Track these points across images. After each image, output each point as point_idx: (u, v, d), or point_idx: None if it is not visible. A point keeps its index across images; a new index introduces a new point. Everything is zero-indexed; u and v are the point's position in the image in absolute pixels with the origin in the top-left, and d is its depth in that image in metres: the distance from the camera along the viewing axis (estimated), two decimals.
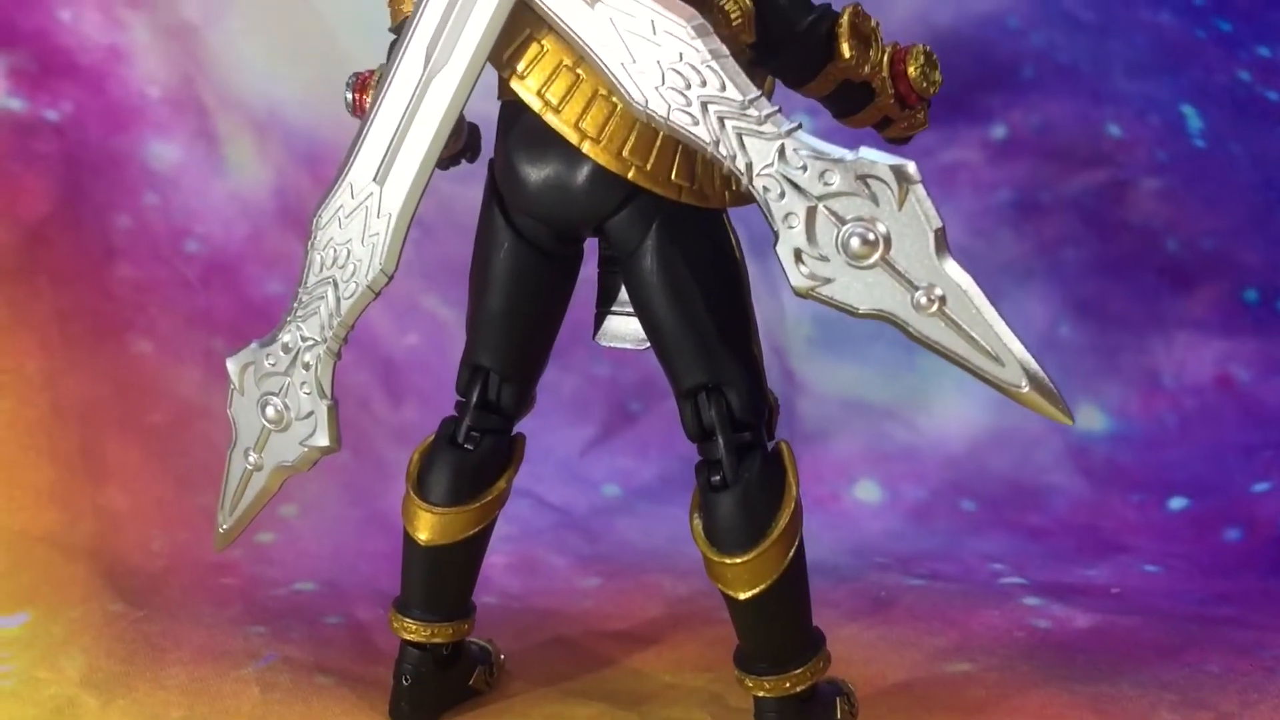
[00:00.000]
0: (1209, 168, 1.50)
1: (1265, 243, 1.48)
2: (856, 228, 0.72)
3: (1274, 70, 1.62)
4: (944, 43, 1.53)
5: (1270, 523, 1.23)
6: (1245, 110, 1.57)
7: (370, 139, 0.81)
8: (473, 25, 0.77)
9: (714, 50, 0.73)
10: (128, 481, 1.30)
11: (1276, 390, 1.41)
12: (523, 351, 0.87)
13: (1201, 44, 1.59)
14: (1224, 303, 1.45)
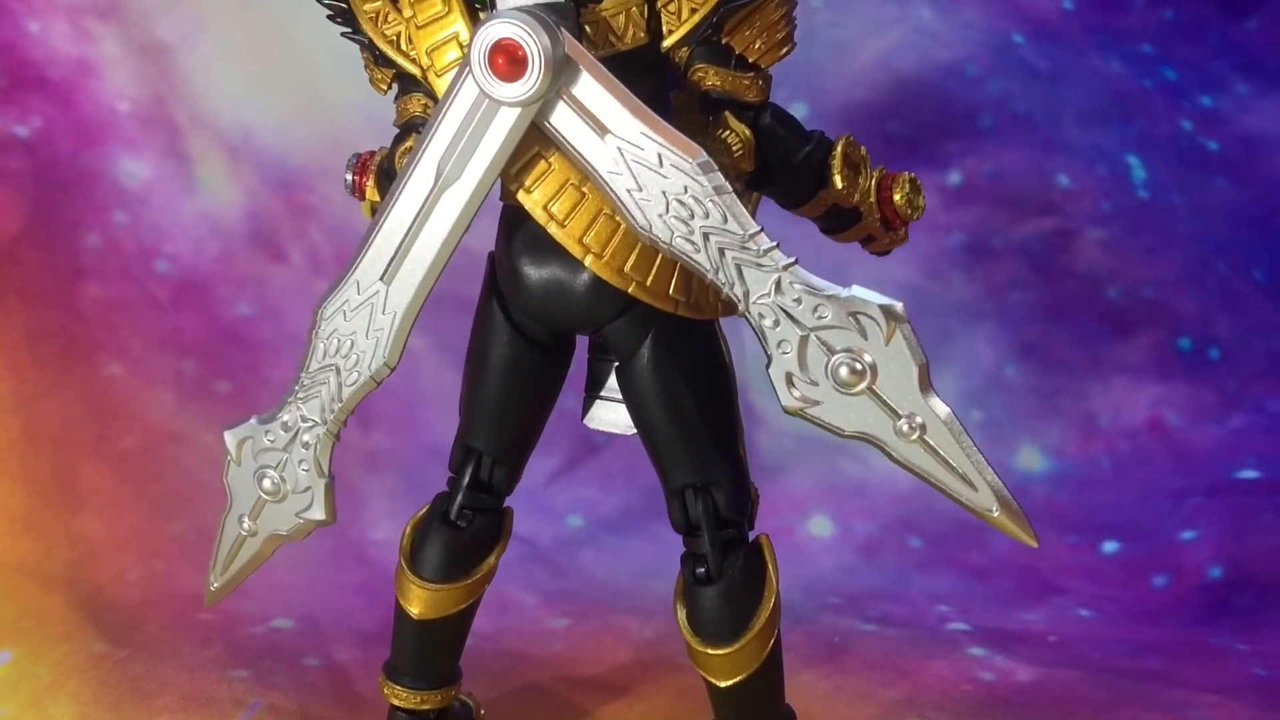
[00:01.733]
0: (1151, 219, 1.58)
1: (1200, 293, 1.56)
2: (845, 358, 0.77)
3: (1215, 120, 1.69)
4: (907, 89, 1.59)
5: (1196, 570, 1.32)
6: (1186, 160, 1.64)
7: (379, 241, 0.83)
8: (486, 145, 0.80)
9: (718, 186, 0.77)
10: (101, 508, 1.32)
11: (1204, 435, 1.50)
12: (516, 437, 0.91)
13: (1148, 93, 1.66)
14: (1159, 350, 1.53)
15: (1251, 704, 1.08)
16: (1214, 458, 1.47)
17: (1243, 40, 1.69)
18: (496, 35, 0.76)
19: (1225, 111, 1.65)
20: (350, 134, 1.48)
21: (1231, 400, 1.51)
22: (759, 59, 0.79)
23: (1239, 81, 1.68)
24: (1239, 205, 1.61)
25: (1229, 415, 1.50)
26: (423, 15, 0.81)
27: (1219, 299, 1.54)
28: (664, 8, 0.78)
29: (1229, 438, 1.49)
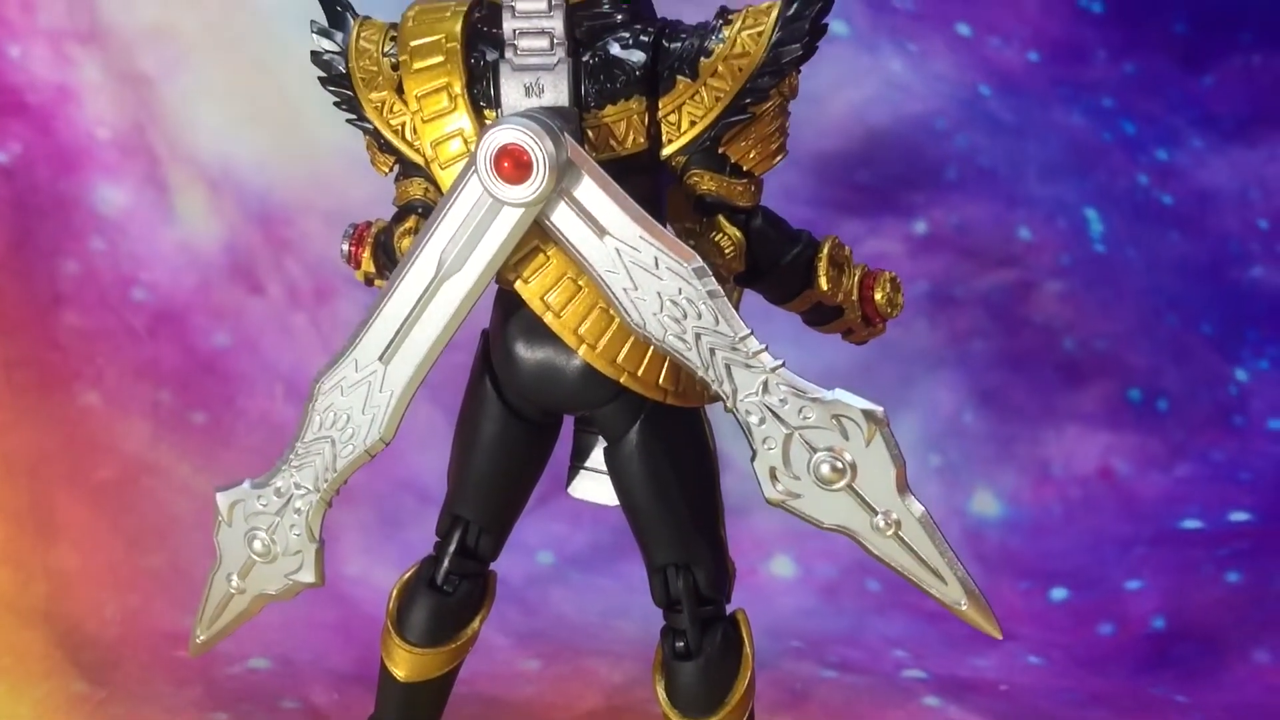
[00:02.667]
0: (1106, 272, 1.63)
1: (1151, 346, 1.62)
2: (827, 456, 0.81)
3: (1171, 174, 1.75)
4: (877, 140, 1.63)
5: (1140, 620, 1.38)
6: (1142, 214, 1.70)
7: (379, 323, 0.86)
8: (488, 240, 0.82)
9: (711, 291, 0.80)
10: (78, 540, 1.33)
11: (1151, 484, 1.56)
12: (503, 507, 0.94)
13: (1108, 146, 1.71)
14: (1110, 400, 1.59)
15: None
16: (1160, 507, 1.53)
17: (1200, 95, 1.74)
18: (503, 140, 0.79)
19: (1180, 166, 1.71)
20: (331, 172, 1.51)
21: (1178, 450, 1.57)
22: (753, 167, 0.83)
23: (1194, 136, 1.74)
24: (1190, 259, 1.67)
25: (1175, 465, 1.57)
26: (428, 110, 0.84)
27: (1169, 351, 1.60)
28: (665, 118, 0.81)
29: (1175, 487, 1.55)
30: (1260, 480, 1.55)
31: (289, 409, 1.49)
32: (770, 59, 0.79)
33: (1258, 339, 1.66)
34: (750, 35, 0.80)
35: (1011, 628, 1.44)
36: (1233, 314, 1.67)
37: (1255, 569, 1.39)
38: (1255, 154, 1.74)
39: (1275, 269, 1.70)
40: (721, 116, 0.80)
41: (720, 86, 0.80)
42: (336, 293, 1.48)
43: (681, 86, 0.81)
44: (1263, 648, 1.33)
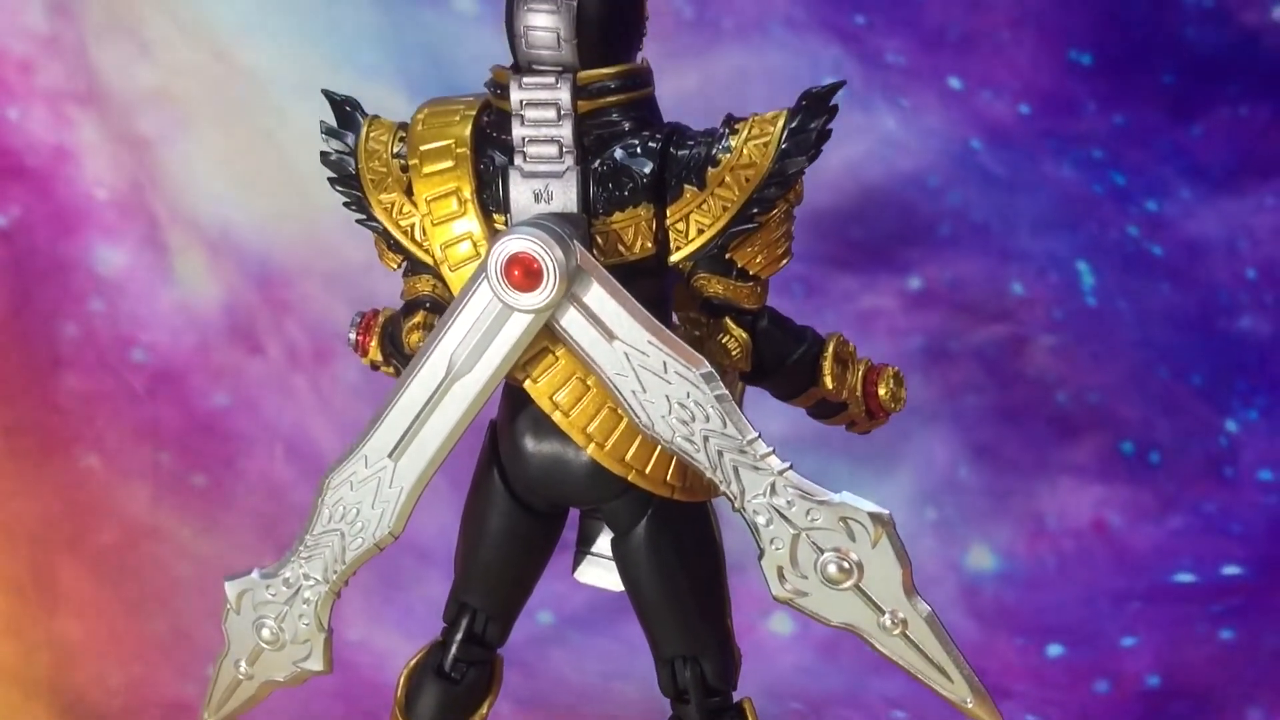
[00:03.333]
0: (1098, 326, 1.65)
1: (1142, 398, 1.63)
2: (834, 557, 0.82)
3: (1160, 224, 1.77)
4: (872, 197, 1.65)
5: (1135, 678, 1.39)
6: (1133, 266, 1.71)
7: (390, 421, 0.87)
8: (499, 344, 0.83)
9: (719, 396, 0.81)
10: (81, 609, 1.34)
11: (1144, 537, 1.58)
12: (510, 595, 0.95)
13: (1098, 199, 1.73)
14: (1103, 453, 1.61)
15: None
16: (1152, 560, 1.54)
17: (1188, 145, 1.76)
18: (514, 249, 0.80)
19: (1170, 216, 1.73)
20: (329, 235, 1.51)
21: (1170, 502, 1.58)
22: (759, 271, 0.84)
23: (1183, 187, 1.75)
24: (1180, 310, 1.69)
25: (1167, 517, 1.58)
26: (438, 213, 0.85)
27: (1160, 404, 1.62)
28: (673, 225, 0.82)
29: (1167, 539, 1.57)
30: (1251, 532, 1.56)
31: (289, 470, 1.50)
32: (777, 170, 0.81)
33: (1247, 389, 1.68)
34: (757, 146, 0.81)
35: (1008, 685, 1.47)
36: (1222, 364, 1.69)
37: (1248, 626, 1.41)
38: (1243, 204, 1.76)
39: (1263, 319, 1.72)
40: (729, 225, 0.81)
41: (727, 196, 0.81)
42: (335, 354, 1.49)
43: (689, 195, 0.82)
44: (1257, 706, 1.34)
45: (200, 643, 1.32)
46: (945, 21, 1.70)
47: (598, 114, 0.82)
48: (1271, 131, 1.77)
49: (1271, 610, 1.42)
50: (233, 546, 1.40)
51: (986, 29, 1.71)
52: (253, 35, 1.39)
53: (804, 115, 0.82)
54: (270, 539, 1.43)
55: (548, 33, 0.80)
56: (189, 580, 1.36)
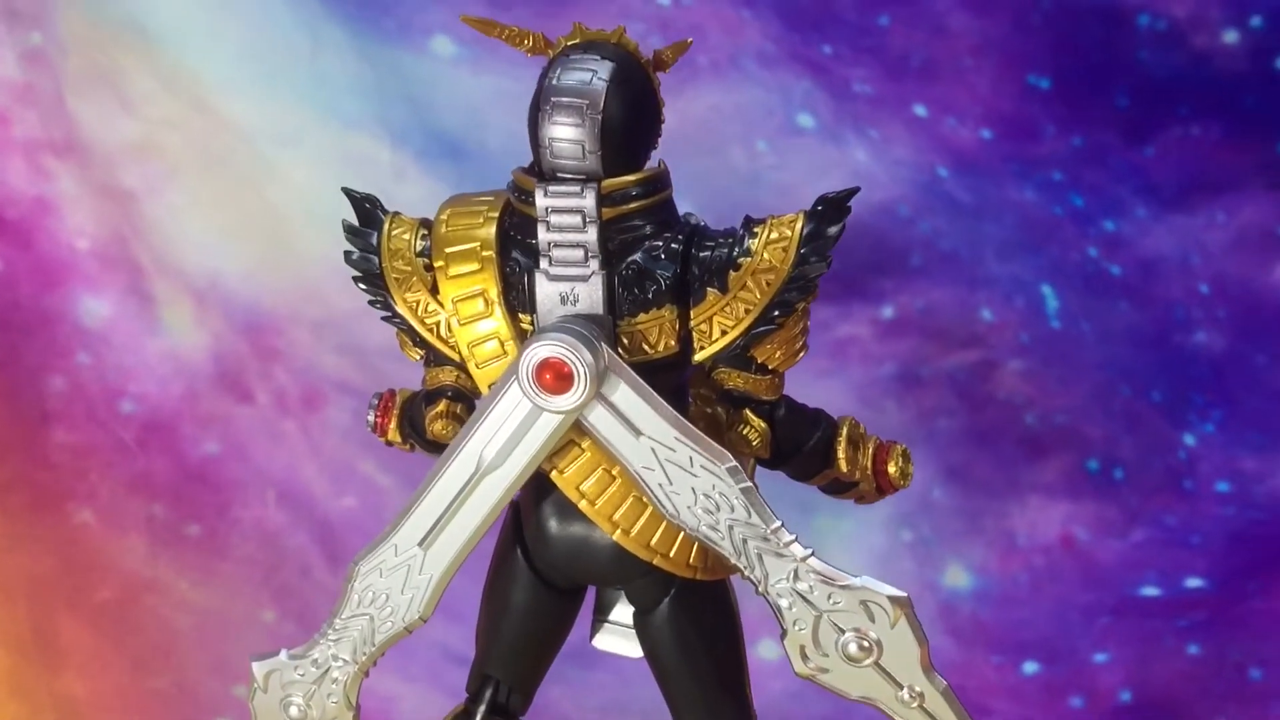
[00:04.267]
0: (1062, 348, 1.70)
1: (1106, 417, 1.70)
2: (854, 636, 0.86)
3: (1118, 244, 1.83)
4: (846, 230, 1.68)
5: (1108, 693, 1.46)
6: (1092, 286, 1.77)
7: (420, 513, 0.89)
8: (528, 441, 0.86)
9: (745, 489, 0.85)
10: (83, 665, 1.35)
11: (1110, 551, 1.64)
12: (533, 667, 0.98)
13: (1059, 220, 1.78)
14: (1070, 471, 1.67)
15: None
16: (1119, 573, 1.61)
17: (1142, 165, 1.82)
18: (543, 355, 0.82)
19: (1126, 235, 1.79)
20: (317, 282, 1.53)
21: (1134, 517, 1.65)
22: (777, 365, 0.87)
23: (1138, 206, 1.81)
24: (1139, 328, 1.75)
25: (1131, 530, 1.65)
26: (464, 313, 0.87)
27: (1122, 421, 1.68)
28: (696, 326, 0.86)
29: (1132, 552, 1.64)
30: (1210, 544, 1.64)
31: (281, 516, 1.52)
32: (797, 275, 0.84)
33: (1203, 403, 1.75)
34: (776, 249, 0.84)
35: (988, 703, 1.53)
36: (1179, 380, 1.75)
37: (1213, 640, 1.48)
38: (1195, 220, 1.82)
39: (1217, 333, 1.79)
40: (751, 327, 0.85)
41: (749, 299, 0.84)
42: (325, 400, 1.50)
43: (712, 298, 0.85)
44: (1223, 717, 1.42)
45: (203, 697, 1.34)
46: (908, 48, 1.74)
47: (621, 219, 0.84)
48: (1221, 150, 1.83)
49: (1234, 623, 1.50)
50: (231, 596, 1.42)
51: (948, 56, 1.75)
52: (236, 87, 1.40)
53: (820, 220, 0.85)
54: (267, 587, 1.45)
55: (573, 144, 0.82)
56: (189, 633, 1.38)
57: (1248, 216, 1.86)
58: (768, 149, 1.62)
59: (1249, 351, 1.81)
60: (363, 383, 1.50)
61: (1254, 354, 1.81)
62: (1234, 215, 1.84)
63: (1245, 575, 1.57)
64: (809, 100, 1.64)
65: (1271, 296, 1.85)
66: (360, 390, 1.51)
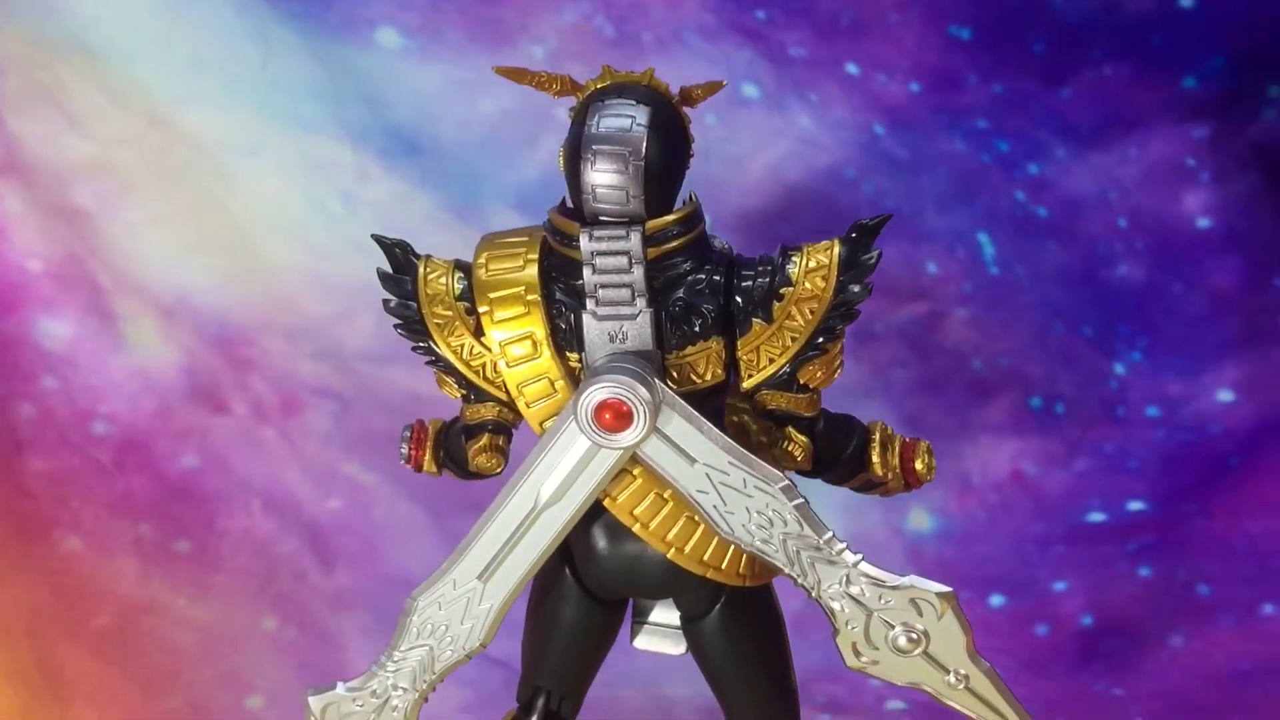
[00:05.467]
0: (1001, 293, 1.78)
1: (1045, 356, 1.79)
2: (903, 630, 0.92)
3: (1043, 186, 1.90)
4: (795, 196, 1.73)
5: (1070, 619, 1.56)
6: (1023, 229, 1.85)
7: (478, 548, 0.92)
8: (587, 476, 0.89)
9: (798, 505, 0.89)
10: (91, 694, 1.34)
11: (1056, 481, 1.74)
12: (582, 676, 1.02)
13: (987, 168, 1.85)
14: (1015, 410, 1.76)
15: None
16: (1066, 502, 1.71)
17: (1059, 108, 1.90)
18: (602, 397, 0.85)
19: (1049, 177, 1.87)
20: (289, 291, 1.52)
21: (1075, 447, 1.75)
22: (818, 385, 0.92)
23: (1058, 147, 1.89)
24: (1067, 266, 1.84)
25: (1074, 460, 1.75)
26: (512, 356, 0.89)
27: (1060, 358, 1.77)
28: (743, 357, 0.89)
29: (1076, 481, 1.74)
30: (1146, 467, 1.75)
31: (269, 524, 1.52)
32: (839, 303, 0.88)
33: (1129, 333, 1.85)
34: (816, 277, 0.88)
35: None
36: (1106, 313, 1.85)
37: (1161, 562, 1.59)
38: (1110, 157, 1.91)
39: (1137, 265, 1.89)
40: (798, 355, 0.89)
41: (794, 328, 0.88)
42: (304, 405, 1.50)
43: (758, 329, 0.89)
44: (1177, 633, 1.53)
45: (217, 714, 1.35)
46: (837, 8, 1.77)
47: (663, 258, 0.87)
48: (1132, 89, 1.91)
49: (1179, 545, 1.61)
50: (229, 608, 1.42)
51: (874, 12, 1.79)
52: (190, 100, 1.36)
53: (854, 246, 0.89)
54: (264, 595, 1.46)
55: (617, 191, 0.84)
56: (193, 650, 1.38)
57: (1158, 150, 1.95)
58: (716, 121, 1.65)
59: (1166, 280, 1.92)
60: (341, 386, 1.51)
61: (1171, 282, 1.92)
62: (1145, 150, 1.94)
63: (1182, 496, 1.69)
64: (752, 70, 1.67)
65: (1183, 226, 1.95)
66: (338, 394, 1.51)
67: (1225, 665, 1.51)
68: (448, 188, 1.49)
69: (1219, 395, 1.81)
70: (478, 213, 1.51)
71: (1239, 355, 1.83)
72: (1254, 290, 1.88)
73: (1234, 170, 1.94)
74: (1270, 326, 1.85)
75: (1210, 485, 1.69)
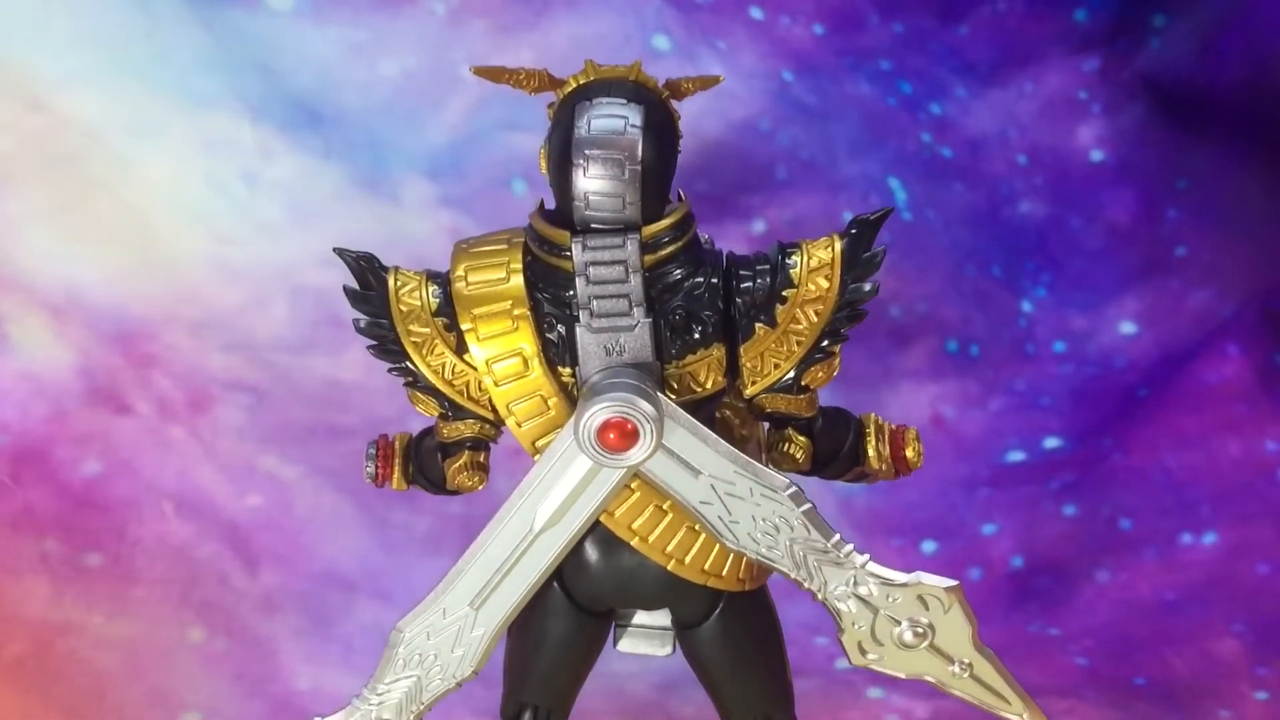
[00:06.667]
0: (915, 238, 1.78)
1: (959, 299, 1.79)
2: (909, 625, 0.90)
3: (946, 126, 1.90)
4: (711, 151, 1.68)
5: (1002, 561, 1.59)
6: (931, 172, 1.84)
7: (470, 576, 0.87)
8: (587, 497, 0.84)
9: (806, 510, 0.86)
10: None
11: (974, 423, 1.76)
12: (570, 689, 0.98)
13: (893, 111, 1.83)
14: (933, 354, 1.76)
15: (1092, 701, 1.37)
16: (985, 442, 1.73)
17: (958, 45, 1.89)
18: (604, 418, 0.80)
19: (951, 117, 1.86)
20: (194, 282, 1.41)
21: (990, 387, 1.77)
22: (818, 385, 0.88)
23: (958, 85, 1.89)
24: (974, 206, 1.84)
25: (989, 400, 1.77)
26: (501, 374, 0.83)
27: (973, 300, 1.78)
28: (746, 363, 0.85)
29: (993, 421, 1.76)
30: (1059, 403, 1.78)
31: (185, 527, 1.43)
32: (845, 303, 0.85)
33: (1034, 268, 1.87)
34: (819, 277, 0.84)
35: None
36: (1012, 251, 1.86)
37: (1084, 500, 1.63)
38: (1007, 94, 1.91)
39: (1037, 201, 1.91)
40: (804, 359, 0.85)
41: (799, 331, 0.85)
42: (214, 400, 1.40)
43: (761, 333, 0.85)
44: (1103, 568, 1.57)
45: None
46: None
47: (659, 265, 0.82)
48: (1025, 23, 1.92)
49: (1099, 482, 1.65)
50: (151, 622, 1.33)
51: None
52: (70, 80, 1.24)
53: (856, 241, 0.86)
54: (187, 604, 1.37)
55: (612, 198, 0.79)
56: (118, 670, 1.29)
57: (1052, 85, 1.96)
58: None
59: (1065, 215, 1.94)
60: (254, 378, 1.41)
61: (1070, 216, 1.94)
62: (1040, 85, 1.94)
63: (1096, 432, 1.72)
64: (661, 20, 1.61)
65: (1078, 160, 1.98)
66: (251, 386, 1.42)
67: (1151, 596, 1.56)
68: (354, 159, 1.40)
69: (1121, 328, 1.85)
70: (387, 184, 1.42)
71: (1138, 287, 1.88)
72: (1148, 221, 1.92)
73: (1124, 101, 1.96)
74: (1165, 257, 1.89)
75: (1122, 419, 1.73)
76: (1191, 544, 1.60)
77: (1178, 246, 1.88)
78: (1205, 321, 1.83)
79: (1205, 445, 1.67)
